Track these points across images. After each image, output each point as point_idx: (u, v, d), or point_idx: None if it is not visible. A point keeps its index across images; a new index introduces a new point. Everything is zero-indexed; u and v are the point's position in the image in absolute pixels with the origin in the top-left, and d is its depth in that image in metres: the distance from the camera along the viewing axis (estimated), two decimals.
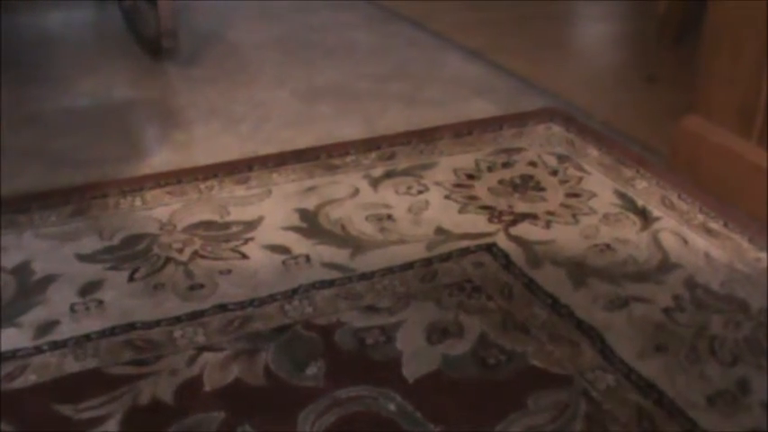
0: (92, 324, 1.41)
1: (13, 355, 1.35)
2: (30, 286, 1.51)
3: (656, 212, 1.74)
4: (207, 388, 1.27)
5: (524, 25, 3.01)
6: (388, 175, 1.88)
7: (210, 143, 2.06)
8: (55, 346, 1.37)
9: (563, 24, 3.16)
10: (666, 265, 1.56)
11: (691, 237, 1.66)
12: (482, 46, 2.69)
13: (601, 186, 1.85)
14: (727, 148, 1.80)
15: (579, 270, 1.55)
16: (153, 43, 2.59)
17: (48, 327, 1.41)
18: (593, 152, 2.00)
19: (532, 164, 1.93)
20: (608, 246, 1.63)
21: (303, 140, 2.05)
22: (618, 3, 3.50)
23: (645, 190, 1.83)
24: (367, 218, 1.71)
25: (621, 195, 1.81)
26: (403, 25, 2.90)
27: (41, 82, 2.45)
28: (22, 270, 1.56)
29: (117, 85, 2.43)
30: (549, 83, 2.43)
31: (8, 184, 1.87)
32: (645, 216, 1.73)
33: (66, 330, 1.40)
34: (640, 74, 2.53)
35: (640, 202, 1.78)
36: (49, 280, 1.53)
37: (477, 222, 1.70)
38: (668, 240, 1.65)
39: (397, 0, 3.15)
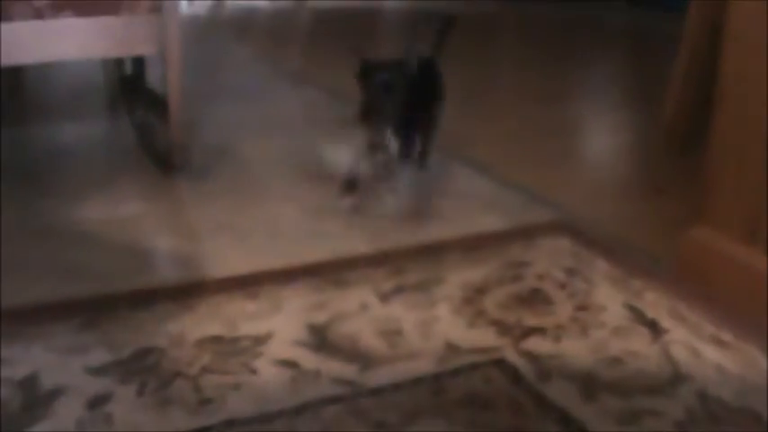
0: None
1: None
2: (36, 399, 1.50)
3: (665, 324, 1.74)
4: None
5: (529, 137, 3.05)
6: (398, 290, 1.89)
7: (220, 257, 2.07)
8: None
9: (568, 136, 3.20)
10: (678, 378, 1.56)
11: (702, 348, 1.66)
12: (488, 159, 2.72)
13: (610, 299, 1.85)
14: (734, 257, 1.81)
15: (590, 384, 1.54)
16: (164, 157, 2.63)
17: None
18: (602, 264, 2.00)
19: (541, 277, 1.94)
20: (618, 359, 1.62)
21: (312, 255, 2.05)
22: (623, 113, 3.55)
23: (654, 302, 1.83)
24: (376, 333, 1.71)
25: (631, 308, 1.81)
26: None
27: (53, 194, 2.47)
28: (30, 383, 1.55)
29: (128, 198, 2.45)
30: (556, 196, 2.45)
31: (18, 295, 1.88)
32: (655, 328, 1.73)
33: None
34: (647, 185, 2.55)
35: (650, 315, 1.78)
36: (56, 393, 1.52)
37: (486, 337, 1.70)
38: (679, 352, 1.64)
39: None
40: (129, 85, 3.28)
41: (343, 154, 2.56)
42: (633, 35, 5.07)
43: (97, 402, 1.49)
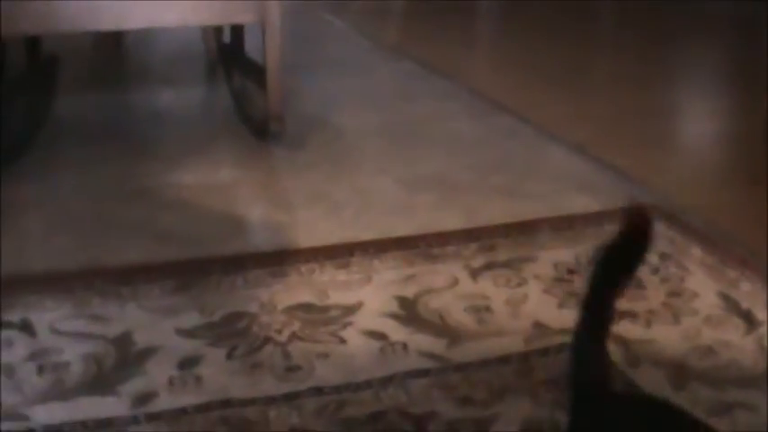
0: (188, 398, 1.43)
1: (109, 423, 1.37)
2: (130, 357, 1.54)
3: (760, 316, 1.70)
4: None
5: (626, 120, 3.00)
6: (488, 266, 1.88)
7: (312, 227, 2.09)
8: (151, 417, 1.39)
9: (666, 120, 3.14)
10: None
11: None
12: (584, 140, 2.69)
13: (703, 287, 1.82)
14: None
15: (680, 372, 1.52)
16: (260, 125, 2.65)
17: (145, 398, 1.43)
18: (696, 251, 1.97)
19: None
20: (710, 348, 1.59)
21: (404, 229, 2.06)
22: (722, 100, 3.48)
23: (749, 293, 1.79)
24: (465, 309, 1.71)
25: (725, 297, 1.78)
26: (504, 117, 2.92)
27: (150, 157, 2.52)
28: (124, 340, 1.59)
29: (223, 165, 2.48)
30: (652, 179, 2.41)
31: (115, 256, 1.92)
32: (749, 320, 1.69)
33: (163, 403, 1.42)
34: (745, 174, 2.50)
35: (745, 305, 1.74)
36: (149, 352, 1.55)
37: (575, 318, 1.68)
38: None
39: (499, 92, 3.18)
40: (227, 54, 3.31)
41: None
42: (736, 22, 4.96)
43: (188, 363, 1.52)
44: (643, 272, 1.86)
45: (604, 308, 0.95)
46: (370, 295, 1.75)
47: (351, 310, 1.70)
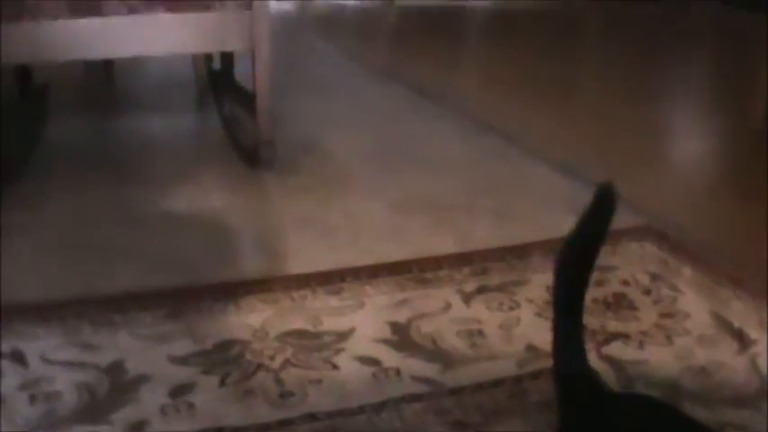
0: (181, 426, 1.42)
1: None
2: (122, 385, 1.53)
3: (753, 335, 1.70)
4: None
5: (616, 139, 3.01)
6: (481, 290, 1.88)
7: (304, 252, 2.08)
8: None
9: (655, 138, 3.15)
10: (766, 391, 1.52)
11: None
12: (573, 160, 2.69)
13: (695, 307, 1.82)
14: None
15: (673, 393, 1.52)
16: (251, 152, 2.66)
17: (138, 426, 1.42)
18: (688, 271, 1.97)
19: (625, 282, 1.91)
20: (703, 368, 1.59)
21: (396, 253, 2.06)
22: (712, 115, 3.49)
23: (741, 311, 1.80)
24: (458, 333, 1.71)
25: (717, 316, 1.78)
26: (493, 138, 2.93)
27: (141, 184, 2.52)
28: (116, 369, 1.58)
29: (214, 190, 2.48)
30: (642, 200, 2.41)
31: (106, 283, 1.92)
32: (742, 338, 1.69)
33: (155, 431, 1.41)
34: (736, 191, 2.50)
35: (737, 324, 1.75)
36: (141, 380, 1.55)
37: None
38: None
39: (487, 112, 3.19)
40: (217, 80, 3.32)
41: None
42: (724, 35, 4.99)
43: (180, 391, 1.52)
44: (635, 293, 1.87)
45: (576, 299, 0.96)
46: (363, 321, 1.75)
47: (343, 335, 1.69)
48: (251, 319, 1.75)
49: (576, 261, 0.95)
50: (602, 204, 0.92)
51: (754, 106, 2.83)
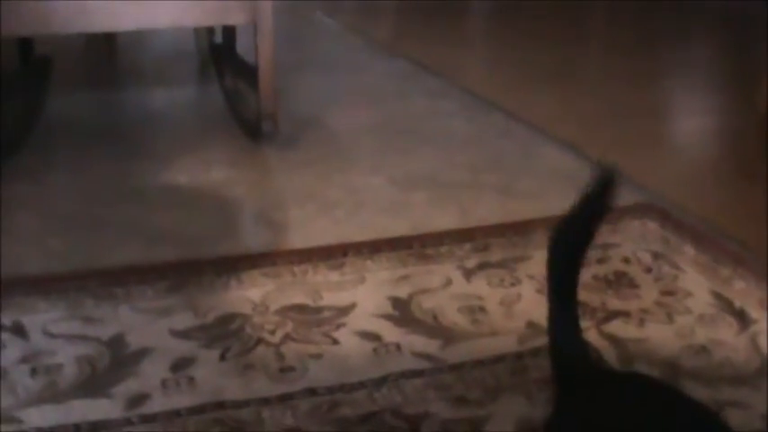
0: (182, 400, 1.43)
1: (103, 425, 1.37)
2: (123, 358, 1.54)
3: (754, 314, 1.70)
4: None
5: (618, 118, 3.00)
6: (482, 266, 1.88)
7: (305, 227, 2.08)
8: (144, 419, 1.38)
9: (658, 118, 3.15)
10: (766, 370, 1.53)
11: None
12: (576, 138, 2.69)
13: (696, 285, 1.82)
14: None
15: (673, 371, 1.52)
16: (253, 125, 2.65)
17: (139, 400, 1.43)
18: (689, 250, 1.97)
19: (626, 260, 1.91)
20: (704, 347, 1.59)
21: (397, 228, 2.06)
22: (716, 96, 3.48)
23: (743, 291, 1.80)
24: (459, 309, 1.71)
25: (718, 295, 1.78)
26: (497, 115, 2.92)
27: (143, 157, 2.52)
28: (117, 342, 1.58)
29: (216, 164, 2.48)
30: (645, 178, 2.41)
31: (108, 257, 1.92)
32: (742, 318, 1.69)
33: (156, 405, 1.42)
34: (739, 171, 2.50)
35: (738, 303, 1.75)
36: (142, 353, 1.55)
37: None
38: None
39: (491, 90, 3.18)
40: (219, 54, 3.31)
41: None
42: (727, 20, 4.96)
43: (181, 365, 1.52)
44: (636, 271, 1.87)
45: (570, 275, 0.96)
46: (364, 296, 1.75)
47: (344, 310, 1.70)
48: (252, 294, 1.75)
49: (570, 238, 0.95)
50: (602, 183, 0.91)
51: (758, 89, 2.81)
